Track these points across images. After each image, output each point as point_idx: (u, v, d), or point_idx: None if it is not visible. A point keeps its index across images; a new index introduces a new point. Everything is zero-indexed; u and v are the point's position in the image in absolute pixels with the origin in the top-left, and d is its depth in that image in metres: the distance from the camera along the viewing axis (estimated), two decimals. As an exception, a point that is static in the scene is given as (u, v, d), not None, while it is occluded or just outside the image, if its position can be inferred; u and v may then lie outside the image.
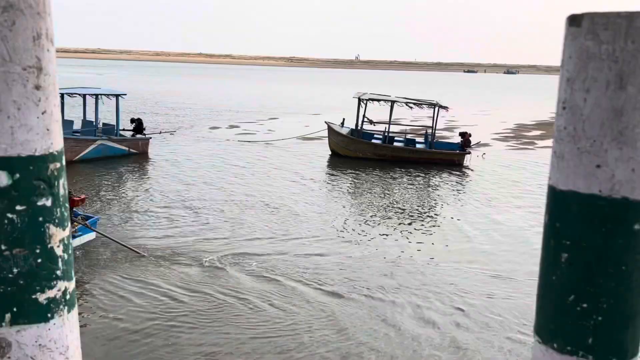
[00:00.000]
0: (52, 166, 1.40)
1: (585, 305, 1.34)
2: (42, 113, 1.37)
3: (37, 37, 1.36)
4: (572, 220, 1.34)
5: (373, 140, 21.99)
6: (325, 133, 22.61)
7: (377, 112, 25.27)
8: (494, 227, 12.63)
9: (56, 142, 1.41)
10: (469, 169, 20.14)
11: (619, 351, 1.36)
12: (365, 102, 21.89)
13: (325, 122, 22.59)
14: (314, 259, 10.07)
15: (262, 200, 14.10)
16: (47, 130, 1.38)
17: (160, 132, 24.10)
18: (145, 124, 21.84)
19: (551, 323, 1.39)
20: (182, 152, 21.10)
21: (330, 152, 22.03)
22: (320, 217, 12.94)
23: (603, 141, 1.27)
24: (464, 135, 21.63)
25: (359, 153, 21.31)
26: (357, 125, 22.04)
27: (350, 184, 17.26)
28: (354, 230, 12.05)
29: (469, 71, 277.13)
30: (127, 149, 19.62)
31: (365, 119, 21.96)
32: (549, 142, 28.33)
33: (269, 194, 14.85)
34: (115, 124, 20.20)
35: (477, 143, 23.47)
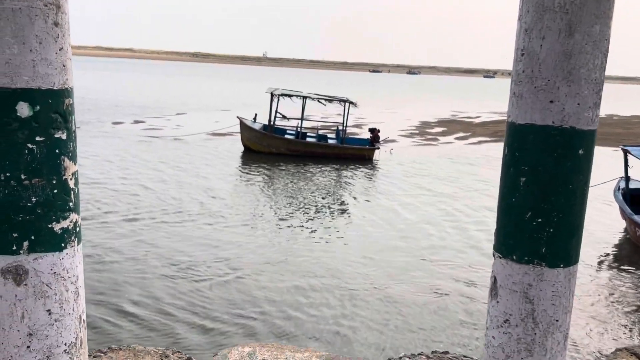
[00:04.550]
0: (67, 101, 1.46)
1: (540, 220, 1.60)
2: (60, 49, 1.43)
3: None
4: (530, 149, 1.60)
5: (286, 136, 22.18)
6: (237, 128, 22.53)
7: (288, 108, 25.51)
8: (401, 218, 13.25)
9: (70, 79, 1.46)
10: (378, 163, 20.89)
11: (565, 257, 1.64)
12: (277, 97, 22.04)
13: (238, 117, 22.52)
14: (217, 255, 10.10)
15: (168, 197, 13.88)
16: (64, 66, 1.44)
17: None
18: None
19: (511, 239, 1.64)
20: (81, 149, 19.94)
21: (243, 148, 22.00)
22: (231, 212, 12.96)
23: (556, 80, 1.54)
24: (373, 132, 22.37)
25: (272, 148, 21.44)
26: (270, 120, 22.15)
27: (264, 179, 17.37)
28: (265, 224, 12.19)
29: (374, 71, 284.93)
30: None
31: (278, 114, 22.11)
32: (451, 138, 30.09)
33: (177, 190, 14.60)
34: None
35: (385, 139, 24.38)
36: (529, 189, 1.61)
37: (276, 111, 21.87)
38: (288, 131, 22.72)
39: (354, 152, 21.43)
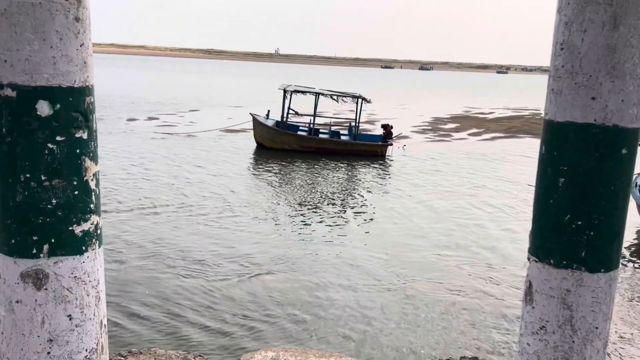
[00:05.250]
0: (87, 99, 1.40)
1: (579, 222, 1.52)
2: (81, 45, 1.38)
3: None
4: (569, 148, 1.52)
5: (298, 132, 22.14)
6: (250, 125, 22.52)
7: (300, 105, 25.46)
8: (417, 214, 13.16)
9: (91, 76, 1.41)
10: (391, 159, 20.78)
11: (606, 262, 1.56)
12: (290, 93, 21.99)
13: (251, 113, 22.50)
14: (233, 254, 10.08)
15: (181, 194, 13.89)
16: (85, 63, 1.39)
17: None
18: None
19: (548, 242, 1.56)
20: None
21: (255, 144, 21.98)
22: (246, 210, 12.94)
23: (598, 76, 1.46)
24: (386, 128, 22.24)
25: (285, 145, 21.40)
26: (282, 117, 22.11)
27: (277, 176, 17.34)
28: (280, 222, 12.16)
29: (386, 67, 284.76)
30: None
31: (291, 111, 22.06)
32: (464, 134, 29.84)
33: (190, 187, 14.62)
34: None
35: (398, 135, 24.24)
36: (568, 190, 1.53)
37: (289, 107, 21.82)
38: (301, 127, 22.66)
39: (366, 149, 21.33)
